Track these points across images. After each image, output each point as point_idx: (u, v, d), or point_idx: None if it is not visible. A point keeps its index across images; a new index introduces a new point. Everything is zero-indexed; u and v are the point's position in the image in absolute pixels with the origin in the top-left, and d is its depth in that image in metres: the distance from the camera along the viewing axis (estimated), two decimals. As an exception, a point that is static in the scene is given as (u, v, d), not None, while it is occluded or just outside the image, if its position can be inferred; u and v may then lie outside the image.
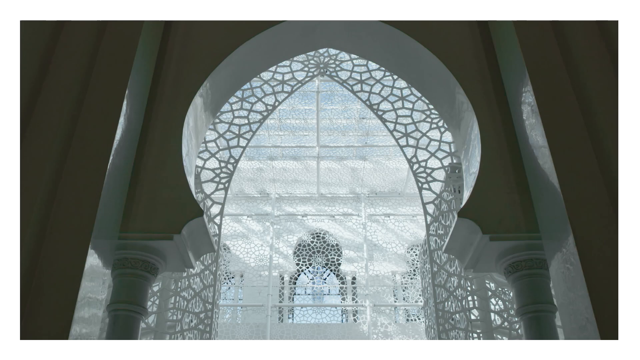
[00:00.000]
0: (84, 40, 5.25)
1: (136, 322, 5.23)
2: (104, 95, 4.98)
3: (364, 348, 4.35)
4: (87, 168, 4.55)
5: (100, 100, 4.94)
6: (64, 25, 5.23)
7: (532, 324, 5.16)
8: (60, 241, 4.19)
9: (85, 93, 4.96)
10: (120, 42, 5.36)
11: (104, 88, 5.03)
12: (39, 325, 3.81)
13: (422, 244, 7.33)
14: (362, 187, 18.44)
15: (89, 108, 4.88)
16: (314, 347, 4.29)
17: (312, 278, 18.72)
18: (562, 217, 4.40)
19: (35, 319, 3.82)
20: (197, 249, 5.67)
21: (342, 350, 4.27)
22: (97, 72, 5.11)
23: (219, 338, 14.90)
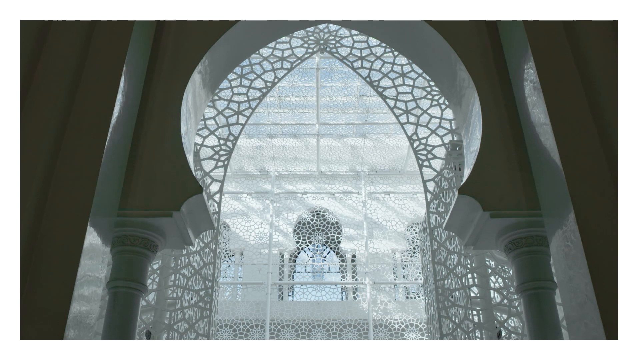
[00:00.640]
0: (81, 16, 5.18)
1: (136, 299, 5.24)
2: (102, 71, 4.93)
3: (363, 348, 4.36)
4: (85, 145, 4.52)
5: (97, 77, 4.89)
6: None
7: (532, 301, 5.16)
8: (59, 219, 4.17)
9: (83, 69, 4.91)
10: (117, 17, 5.29)
11: (101, 64, 4.98)
12: (39, 304, 3.80)
13: (422, 222, 7.32)
14: (362, 164, 18.40)
15: (86, 85, 4.83)
16: (313, 347, 4.30)
17: (312, 256, 18.77)
18: (563, 194, 4.37)
19: (35, 298, 3.81)
20: (196, 226, 5.66)
21: (341, 350, 4.27)
22: (94, 49, 5.05)
23: (219, 316, 14.99)
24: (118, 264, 5.30)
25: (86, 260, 4.11)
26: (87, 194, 4.31)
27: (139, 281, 5.26)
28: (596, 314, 3.90)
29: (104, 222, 4.56)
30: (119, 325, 5.08)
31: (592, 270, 4.01)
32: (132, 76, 5.26)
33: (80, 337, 3.93)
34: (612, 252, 4.01)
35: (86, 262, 4.11)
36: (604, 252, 4.05)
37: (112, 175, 4.80)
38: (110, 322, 5.09)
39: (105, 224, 4.62)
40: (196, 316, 6.06)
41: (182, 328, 5.98)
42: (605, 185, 4.30)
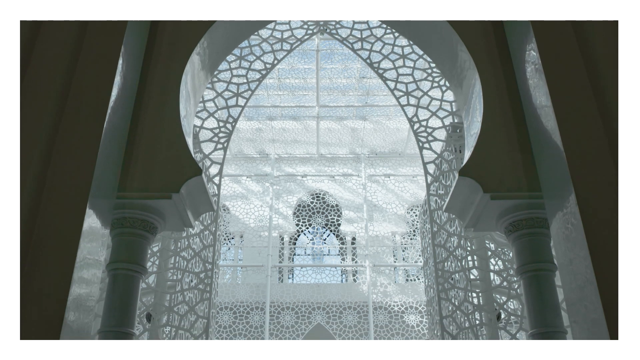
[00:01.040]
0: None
1: (136, 281, 5.24)
2: (99, 53, 4.87)
3: (363, 348, 4.37)
4: (83, 127, 4.48)
5: (95, 59, 4.83)
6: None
7: (531, 283, 5.16)
8: (58, 202, 4.14)
9: (80, 52, 4.85)
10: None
11: (99, 46, 4.92)
12: (38, 286, 3.79)
13: (422, 205, 7.31)
14: (362, 147, 18.36)
15: (84, 67, 4.77)
16: (312, 348, 4.30)
17: (311, 238, 18.80)
18: (565, 176, 4.35)
19: (35, 280, 3.80)
20: (196, 208, 5.65)
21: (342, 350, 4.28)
22: (92, 31, 4.99)
23: (220, 298, 15.05)
24: (117, 246, 5.30)
25: (85, 242, 4.10)
26: (85, 177, 4.28)
27: (138, 263, 5.26)
28: (596, 296, 3.89)
29: (103, 204, 4.54)
30: (119, 307, 5.08)
31: (592, 252, 4.00)
32: (130, 58, 5.21)
33: (80, 319, 3.93)
34: (613, 234, 3.99)
35: (86, 244, 4.10)
36: (605, 234, 4.03)
37: (110, 157, 4.78)
38: (110, 304, 5.10)
39: (105, 206, 4.61)
40: (196, 298, 6.07)
41: (183, 310, 5.99)
42: (606, 168, 4.27)
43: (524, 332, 5.79)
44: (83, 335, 4.00)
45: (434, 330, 6.43)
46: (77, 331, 3.89)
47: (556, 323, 5.01)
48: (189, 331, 5.86)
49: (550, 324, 4.99)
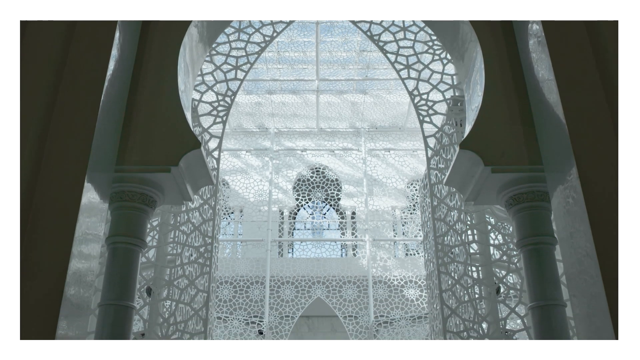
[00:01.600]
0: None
1: (135, 255, 5.24)
2: (96, 25, 4.80)
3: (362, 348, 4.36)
4: (80, 100, 4.43)
5: (91, 31, 4.76)
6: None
7: (531, 256, 5.16)
8: (56, 175, 4.11)
9: (77, 23, 4.77)
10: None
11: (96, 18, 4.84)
12: (37, 261, 3.78)
13: (422, 179, 7.28)
14: (362, 121, 18.28)
15: (80, 39, 4.70)
16: (311, 348, 4.30)
17: (311, 213, 18.81)
18: (566, 149, 4.32)
19: (33, 255, 3.78)
20: (195, 181, 5.63)
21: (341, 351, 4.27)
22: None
23: (220, 272, 15.10)
24: (116, 220, 5.29)
25: (84, 217, 4.08)
26: (83, 150, 4.24)
27: (138, 237, 5.25)
28: (596, 271, 3.89)
29: (101, 178, 4.52)
30: (119, 281, 5.09)
31: (593, 226, 3.99)
32: (127, 29, 5.14)
33: (80, 294, 3.92)
34: (614, 208, 3.97)
35: (84, 219, 4.08)
36: (606, 208, 4.01)
37: (108, 130, 4.74)
38: (109, 277, 5.11)
39: (103, 180, 4.58)
40: (196, 272, 6.08)
41: (183, 284, 6.01)
42: (608, 142, 4.23)
43: (523, 306, 5.80)
44: (83, 310, 4.01)
45: (434, 304, 6.44)
46: (77, 306, 3.89)
47: (556, 296, 5.02)
48: (189, 305, 5.88)
49: (549, 297, 5.00)
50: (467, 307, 5.82)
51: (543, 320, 4.97)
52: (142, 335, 5.69)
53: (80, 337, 3.99)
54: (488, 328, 5.65)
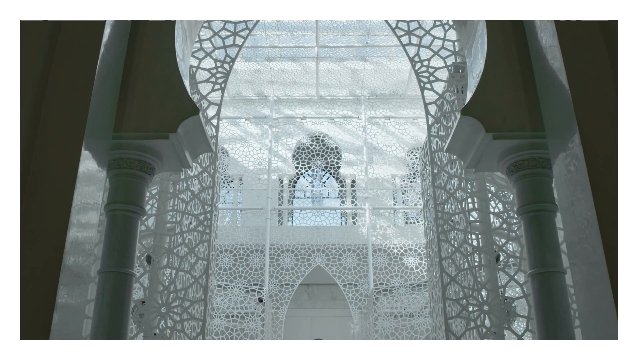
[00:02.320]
0: None
1: (134, 222, 5.23)
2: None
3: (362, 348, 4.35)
4: (75, 66, 4.36)
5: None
6: None
7: (532, 223, 5.15)
8: (53, 142, 4.06)
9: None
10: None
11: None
12: (36, 231, 3.75)
13: (422, 147, 7.23)
14: (362, 88, 18.13)
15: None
16: (311, 348, 4.28)
17: (311, 181, 18.79)
18: (569, 116, 4.27)
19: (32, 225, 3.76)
20: (193, 148, 5.59)
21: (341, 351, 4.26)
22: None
23: (220, 241, 15.15)
24: (115, 187, 5.26)
25: (82, 185, 4.04)
26: (80, 117, 4.19)
27: (136, 204, 5.23)
28: (597, 239, 3.87)
29: (99, 145, 4.47)
30: (118, 249, 5.09)
31: (594, 193, 3.96)
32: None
33: (79, 262, 3.91)
34: (616, 176, 3.94)
35: (82, 187, 4.04)
36: (608, 175, 3.98)
37: (105, 97, 4.68)
38: (109, 245, 5.10)
39: (101, 147, 4.54)
40: (196, 240, 6.07)
41: (182, 252, 6.00)
42: (612, 108, 4.18)
43: (522, 274, 5.81)
44: (83, 278, 4.00)
45: (433, 272, 6.46)
46: (77, 274, 3.88)
47: (556, 263, 5.02)
48: (189, 273, 5.88)
49: (549, 264, 5.00)
50: (466, 275, 5.83)
51: (542, 287, 4.98)
52: (143, 302, 5.70)
53: (80, 305, 4.00)
54: (487, 295, 5.67)
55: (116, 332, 4.87)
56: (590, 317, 4.01)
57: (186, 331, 5.65)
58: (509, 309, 5.64)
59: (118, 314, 4.94)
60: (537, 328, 4.99)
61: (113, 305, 4.94)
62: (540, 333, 4.93)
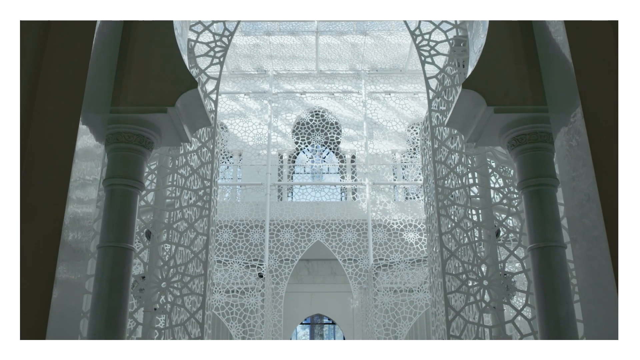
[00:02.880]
0: None
1: (133, 197, 5.21)
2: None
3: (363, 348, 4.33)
4: (72, 38, 4.29)
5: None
6: None
7: (533, 198, 5.14)
8: (49, 117, 4.01)
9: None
10: None
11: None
12: (34, 205, 3.73)
13: (423, 122, 7.18)
14: (363, 63, 18.00)
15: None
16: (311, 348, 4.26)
17: (311, 157, 18.76)
18: (572, 89, 4.22)
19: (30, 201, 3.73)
20: (192, 122, 5.55)
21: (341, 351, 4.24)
22: None
23: (219, 216, 15.17)
24: (113, 162, 5.23)
25: (80, 160, 4.00)
26: (77, 91, 4.13)
27: (135, 178, 5.20)
28: (598, 214, 3.85)
29: (96, 119, 4.43)
30: (117, 223, 5.07)
31: (596, 168, 3.93)
32: (119, -35, 4.95)
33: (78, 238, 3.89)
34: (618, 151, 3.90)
35: (80, 162, 4.01)
36: (610, 150, 3.94)
37: (102, 70, 4.62)
38: (108, 220, 5.09)
39: (98, 121, 4.49)
40: (195, 216, 6.06)
41: (182, 227, 5.99)
42: (616, 84, 4.12)
43: (522, 249, 5.81)
44: (82, 254, 3.99)
45: (433, 247, 6.45)
46: (76, 250, 3.86)
47: (556, 237, 5.01)
48: (189, 248, 5.88)
49: (550, 239, 4.99)
50: (466, 250, 5.83)
51: (542, 261, 4.98)
52: (143, 278, 5.71)
53: (80, 281, 3.99)
54: (487, 270, 5.67)
55: (116, 307, 4.88)
56: (590, 292, 4.00)
57: (186, 306, 5.66)
58: (508, 283, 5.64)
59: (118, 289, 4.94)
60: (537, 302, 4.99)
61: (113, 280, 4.93)
62: (539, 308, 4.94)
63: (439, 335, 6.04)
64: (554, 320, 4.83)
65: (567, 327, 4.81)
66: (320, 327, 22.36)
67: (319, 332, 22.52)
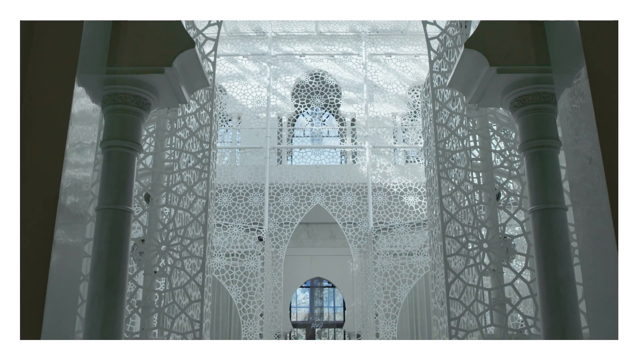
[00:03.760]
0: None
1: (131, 159, 5.16)
2: None
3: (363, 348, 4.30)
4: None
5: None
6: None
7: (534, 160, 5.09)
8: (44, 77, 3.94)
9: None
10: None
11: None
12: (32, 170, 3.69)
13: (424, 84, 7.09)
14: (363, 24, 17.74)
15: None
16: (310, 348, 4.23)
17: (310, 119, 18.65)
18: (577, 48, 4.12)
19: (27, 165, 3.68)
20: (190, 83, 5.48)
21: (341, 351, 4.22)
22: None
23: (219, 180, 15.15)
24: (110, 123, 5.17)
25: (77, 122, 3.95)
26: (72, 51, 4.05)
27: (133, 140, 5.15)
28: (600, 177, 3.80)
29: (92, 80, 4.35)
30: (115, 186, 5.04)
31: (600, 130, 3.86)
32: None
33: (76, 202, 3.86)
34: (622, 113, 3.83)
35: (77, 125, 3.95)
36: (615, 113, 3.87)
37: (98, 30, 4.53)
38: (106, 182, 5.05)
39: (94, 82, 4.42)
40: (194, 178, 6.03)
41: (181, 190, 5.96)
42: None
43: (522, 212, 5.79)
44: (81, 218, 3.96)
45: (433, 210, 6.43)
46: (75, 214, 3.84)
47: (557, 199, 4.99)
48: (188, 211, 5.86)
49: (551, 201, 4.97)
50: (466, 213, 5.81)
51: (543, 223, 4.96)
52: (142, 241, 5.70)
53: (79, 244, 3.97)
54: (487, 233, 5.66)
55: (115, 269, 4.88)
56: (590, 255, 3.99)
57: (186, 269, 5.67)
58: (508, 246, 5.64)
59: (117, 251, 4.93)
60: (536, 264, 4.99)
61: (112, 242, 4.92)
62: (539, 269, 4.94)
63: (438, 298, 6.06)
64: (553, 282, 4.84)
65: (566, 290, 4.82)
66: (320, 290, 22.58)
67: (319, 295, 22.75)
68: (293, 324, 19.68)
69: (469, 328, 5.47)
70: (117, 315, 4.82)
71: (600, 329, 3.80)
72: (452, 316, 5.42)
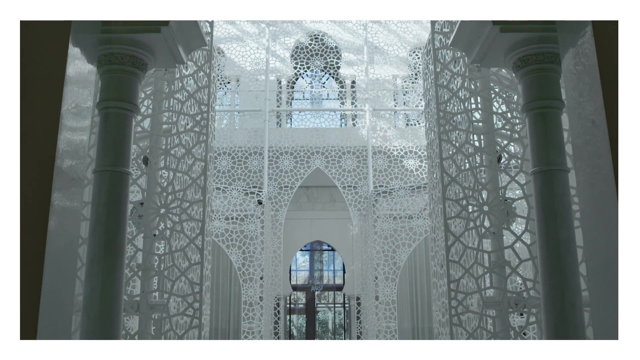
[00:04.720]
0: None
1: (128, 120, 5.10)
2: None
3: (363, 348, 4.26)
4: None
5: None
6: None
7: (537, 120, 5.03)
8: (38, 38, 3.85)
9: None
10: None
11: None
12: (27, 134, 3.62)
13: (425, 45, 6.98)
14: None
15: None
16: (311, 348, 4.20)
17: (310, 82, 18.49)
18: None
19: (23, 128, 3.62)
20: (187, 43, 5.38)
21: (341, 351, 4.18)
22: None
23: (218, 143, 15.07)
24: (107, 84, 5.10)
25: (72, 84, 3.87)
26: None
27: (130, 101, 5.08)
28: (604, 141, 3.74)
29: (87, 39, 4.25)
30: (113, 147, 4.99)
31: (605, 92, 3.79)
32: None
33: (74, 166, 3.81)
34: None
35: (72, 86, 3.87)
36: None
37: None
38: (103, 144, 5.00)
39: (89, 42, 4.32)
40: (193, 141, 5.97)
41: (180, 153, 5.91)
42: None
43: (523, 175, 5.75)
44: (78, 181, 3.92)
45: (433, 173, 6.39)
46: (72, 178, 3.79)
47: (559, 161, 4.94)
48: (187, 174, 5.82)
49: (553, 162, 4.93)
50: (467, 176, 5.77)
51: (545, 185, 4.93)
52: (141, 204, 5.67)
53: (77, 208, 3.93)
54: (487, 196, 5.63)
55: (114, 231, 4.86)
56: (591, 217, 3.96)
57: (186, 232, 5.66)
58: (508, 209, 5.61)
59: (115, 214, 4.91)
60: (537, 226, 4.98)
61: (110, 205, 4.90)
62: (540, 231, 4.93)
63: (437, 261, 6.07)
64: (553, 244, 4.83)
65: (567, 251, 4.81)
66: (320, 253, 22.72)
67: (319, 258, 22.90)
68: (293, 287, 19.84)
69: (469, 290, 5.48)
70: (117, 277, 4.82)
71: (599, 292, 3.79)
72: (452, 279, 5.43)
